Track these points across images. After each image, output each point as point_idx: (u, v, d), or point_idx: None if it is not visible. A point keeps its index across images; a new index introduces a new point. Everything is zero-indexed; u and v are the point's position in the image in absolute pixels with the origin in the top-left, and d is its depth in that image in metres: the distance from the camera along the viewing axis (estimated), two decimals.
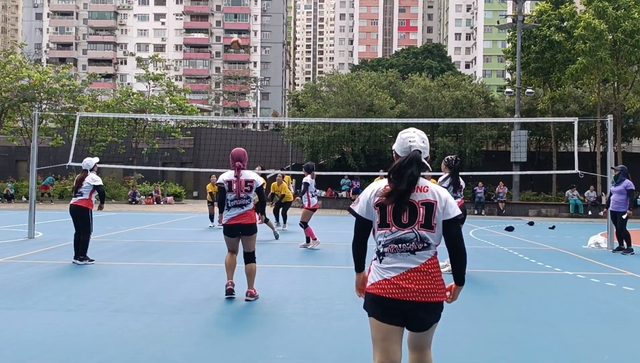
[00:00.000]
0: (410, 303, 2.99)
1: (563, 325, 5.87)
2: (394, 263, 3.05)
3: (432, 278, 3.05)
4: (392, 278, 3.02)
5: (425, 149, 3.16)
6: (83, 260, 9.41)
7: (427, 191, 3.08)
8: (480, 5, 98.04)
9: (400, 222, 3.05)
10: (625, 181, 12.17)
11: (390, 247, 3.07)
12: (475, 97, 34.03)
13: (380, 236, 3.11)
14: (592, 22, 27.86)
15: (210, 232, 15.26)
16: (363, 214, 3.15)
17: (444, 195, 3.12)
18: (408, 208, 3.03)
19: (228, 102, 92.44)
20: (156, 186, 35.07)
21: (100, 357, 4.57)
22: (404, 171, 3.03)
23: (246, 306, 6.47)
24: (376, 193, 3.10)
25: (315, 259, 10.49)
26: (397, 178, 3.03)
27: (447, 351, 4.86)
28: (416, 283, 3.00)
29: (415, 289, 3.00)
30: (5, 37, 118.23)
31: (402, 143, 3.17)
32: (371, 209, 3.11)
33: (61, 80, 34.21)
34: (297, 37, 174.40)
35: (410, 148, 3.12)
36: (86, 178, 9.62)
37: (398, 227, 3.05)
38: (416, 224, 3.04)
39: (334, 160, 34.21)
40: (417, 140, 3.15)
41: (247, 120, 79.12)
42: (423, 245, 3.06)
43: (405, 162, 3.06)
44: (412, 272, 3.02)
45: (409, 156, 3.08)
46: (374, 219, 3.12)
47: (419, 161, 3.07)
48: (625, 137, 35.38)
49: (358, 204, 3.18)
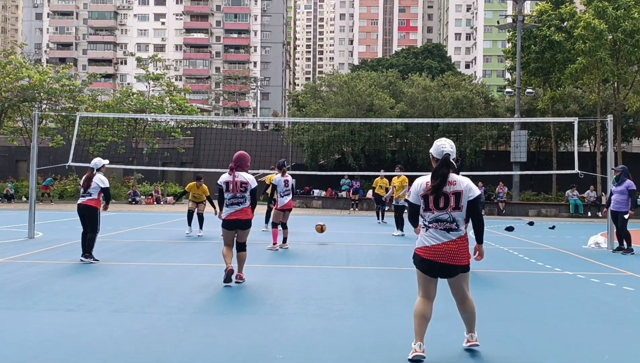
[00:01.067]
0: (441, 264, 4.50)
1: (563, 325, 5.87)
2: (435, 236, 4.53)
3: (457, 250, 4.49)
4: (431, 246, 4.52)
5: (452, 152, 4.58)
6: (88, 257, 9.49)
7: (456, 184, 4.51)
8: (480, 5, 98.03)
9: (439, 206, 4.49)
10: (626, 181, 12.17)
11: (433, 224, 4.54)
12: (475, 97, 34.02)
13: (426, 216, 4.57)
14: (592, 22, 27.86)
15: (210, 232, 15.25)
16: (415, 202, 4.66)
17: (466, 182, 4.54)
18: (443, 197, 4.46)
19: (228, 102, 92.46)
20: (156, 186, 35.07)
21: (100, 357, 4.57)
22: (439, 171, 4.46)
23: (246, 307, 6.48)
24: (421, 188, 4.57)
25: (315, 259, 10.49)
26: (436, 176, 4.46)
27: (447, 351, 4.87)
28: (446, 252, 4.48)
29: (445, 255, 4.48)
30: (5, 37, 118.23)
31: (437, 149, 4.61)
32: (419, 198, 4.61)
33: (61, 80, 34.22)
34: (297, 37, 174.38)
35: (442, 152, 4.55)
36: (94, 178, 9.69)
37: (437, 210, 4.50)
38: (449, 208, 4.48)
39: (334, 160, 34.20)
40: (447, 146, 4.60)
41: (247, 120, 79.12)
42: (454, 225, 4.49)
43: (439, 164, 4.49)
44: (445, 244, 4.48)
45: (442, 159, 4.49)
46: (421, 205, 4.60)
47: (449, 162, 4.50)
48: (625, 137, 35.39)
49: (410, 195, 4.70)
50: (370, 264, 9.97)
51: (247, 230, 7.71)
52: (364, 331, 5.50)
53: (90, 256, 9.53)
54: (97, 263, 9.45)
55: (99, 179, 9.71)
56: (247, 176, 7.71)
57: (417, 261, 4.62)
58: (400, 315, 6.19)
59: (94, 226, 9.61)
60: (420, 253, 4.59)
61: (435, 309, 6.44)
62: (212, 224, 17.26)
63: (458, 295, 4.74)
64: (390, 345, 5.07)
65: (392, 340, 5.22)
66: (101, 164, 10.00)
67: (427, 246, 4.52)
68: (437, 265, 4.49)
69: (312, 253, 11.37)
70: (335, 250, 11.80)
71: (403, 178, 15.61)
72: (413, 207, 4.69)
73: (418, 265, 4.62)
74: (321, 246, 12.54)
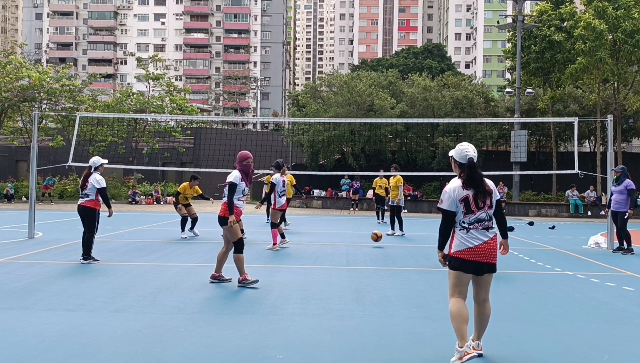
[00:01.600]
0: (482, 263, 4.55)
1: (563, 325, 5.87)
2: (476, 236, 4.54)
3: (494, 248, 4.59)
4: (475, 247, 4.52)
5: (475, 156, 4.64)
6: (87, 259, 9.44)
7: (486, 185, 4.63)
8: (480, 5, 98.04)
9: (479, 207, 4.56)
10: (625, 181, 12.20)
11: (474, 226, 4.55)
12: (475, 97, 34.00)
13: (466, 219, 4.55)
14: (592, 22, 27.85)
15: (210, 232, 15.25)
16: (451, 209, 4.57)
17: (493, 185, 4.70)
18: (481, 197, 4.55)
19: (228, 102, 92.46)
20: (156, 186, 35.07)
21: (100, 357, 4.57)
22: (475, 175, 4.57)
23: (246, 307, 6.48)
24: (458, 192, 4.56)
25: (315, 259, 10.49)
26: (471, 181, 4.56)
27: (447, 351, 4.86)
28: (487, 251, 4.54)
29: (486, 254, 4.54)
30: (5, 37, 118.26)
31: (460, 153, 4.66)
32: (456, 204, 4.56)
33: (61, 80, 34.20)
34: (297, 37, 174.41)
35: (465, 156, 4.61)
36: (90, 177, 9.58)
37: (478, 210, 4.56)
38: (486, 207, 4.59)
39: (334, 160, 34.18)
40: (470, 151, 4.65)
41: (247, 120, 79.08)
42: (490, 223, 4.60)
43: (471, 169, 4.57)
44: (486, 243, 4.54)
45: (469, 163, 4.58)
46: (459, 209, 4.56)
47: (476, 165, 4.61)
48: (625, 137, 35.38)
49: (444, 203, 4.60)
50: (370, 264, 9.97)
51: (224, 227, 7.55)
52: (364, 331, 5.49)
53: (89, 257, 9.49)
54: (97, 263, 9.45)
55: (94, 180, 9.56)
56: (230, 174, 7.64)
57: (459, 264, 4.55)
58: (400, 315, 6.19)
59: (90, 227, 9.53)
60: (462, 255, 4.53)
61: (436, 309, 6.46)
62: (213, 224, 17.27)
63: (481, 295, 4.71)
64: (390, 345, 5.07)
65: (392, 340, 5.22)
66: (99, 164, 9.81)
67: (470, 247, 4.50)
68: (479, 265, 4.55)
69: (312, 253, 11.37)
70: (335, 250, 11.80)
71: (398, 178, 15.59)
72: (449, 215, 4.58)
73: (460, 267, 4.56)
74: (321, 246, 12.55)
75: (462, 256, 4.52)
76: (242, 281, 7.52)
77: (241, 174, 7.55)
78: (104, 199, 9.65)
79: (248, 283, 7.48)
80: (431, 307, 6.57)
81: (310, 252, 11.45)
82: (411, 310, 6.40)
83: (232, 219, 7.37)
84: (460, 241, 4.55)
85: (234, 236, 7.49)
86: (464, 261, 4.52)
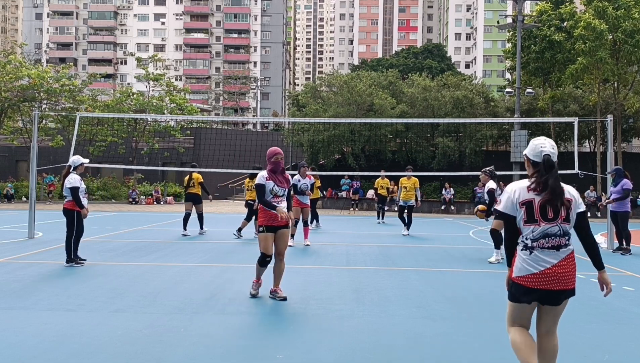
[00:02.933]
0: (552, 291, 3.53)
1: (563, 325, 5.86)
2: (542, 258, 3.52)
3: (569, 271, 3.55)
4: (540, 273, 3.51)
5: (554, 153, 3.62)
6: (69, 262, 9.11)
7: (564, 191, 3.57)
8: (480, 5, 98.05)
9: (547, 217, 3.52)
10: (622, 181, 12.24)
11: (540, 242, 3.53)
12: (475, 97, 34.01)
13: (528, 232, 3.55)
14: (592, 22, 27.86)
15: (210, 232, 15.25)
16: (507, 211, 3.59)
17: (574, 192, 3.67)
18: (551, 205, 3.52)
19: (228, 102, 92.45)
20: (156, 186, 35.06)
21: (100, 357, 4.57)
22: (550, 176, 3.53)
23: (246, 307, 6.47)
24: (520, 194, 3.57)
25: (315, 259, 10.49)
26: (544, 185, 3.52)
27: (447, 351, 4.86)
28: (557, 276, 3.51)
29: (556, 280, 3.51)
30: (5, 37, 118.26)
31: (534, 149, 3.66)
32: (516, 207, 3.58)
33: (61, 80, 34.19)
34: (297, 37, 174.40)
35: (541, 153, 3.60)
36: (67, 177, 9.29)
37: (545, 222, 3.52)
38: (559, 219, 3.54)
39: (334, 160, 34.19)
40: (547, 146, 3.63)
41: (247, 120, 79.06)
42: (565, 240, 3.56)
43: (549, 170, 3.55)
44: (556, 267, 3.51)
45: (545, 162, 3.56)
46: (519, 216, 3.57)
47: (553, 165, 3.57)
48: (625, 137, 35.38)
49: (501, 204, 3.65)
50: (370, 264, 9.96)
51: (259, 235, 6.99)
52: (364, 331, 5.49)
53: (70, 260, 9.11)
54: (97, 263, 9.43)
55: (67, 180, 9.21)
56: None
57: (521, 293, 3.60)
58: (400, 315, 6.19)
59: (69, 229, 9.19)
60: (524, 282, 3.56)
61: (436, 309, 6.46)
62: (213, 224, 17.29)
63: (547, 325, 3.76)
64: (390, 345, 5.06)
65: (392, 340, 5.22)
66: (78, 163, 9.39)
67: (534, 273, 3.52)
68: (547, 293, 3.55)
69: (312, 253, 11.37)
70: (335, 250, 11.80)
71: (414, 180, 15.85)
72: (509, 221, 3.61)
73: (522, 297, 3.61)
74: (321, 246, 12.55)
75: (524, 282, 3.56)
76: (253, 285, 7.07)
77: (268, 174, 6.75)
78: (74, 199, 9.16)
79: (252, 290, 7.00)
80: (431, 307, 6.56)
81: (310, 252, 11.45)
82: (411, 310, 6.40)
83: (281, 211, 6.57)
84: (521, 265, 3.59)
85: (260, 247, 6.84)
86: (526, 290, 3.56)
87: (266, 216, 6.72)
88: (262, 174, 6.81)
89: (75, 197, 9.17)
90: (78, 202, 9.18)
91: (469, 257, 11.14)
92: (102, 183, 34.45)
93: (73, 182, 9.19)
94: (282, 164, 6.83)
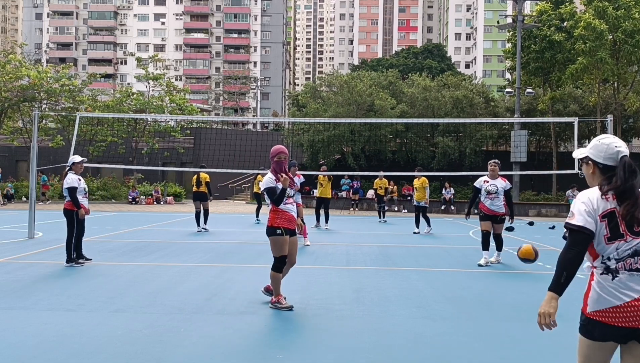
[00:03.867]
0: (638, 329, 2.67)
1: (563, 325, 5.86)
2: (628, 285, 2.71)
3: None
4: (625, 305, 2.69)
5: (627, 153, 2.92)
6: (69, 262, 9.12)
7: None
8: (480, 5, 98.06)
9: (633, 230, 2.76)
10: None
11: (627, 262, 2.74)
12: (475, 97, 34.04)
13: (612, 250, 2.76)
14: (592, 22, 27.87)
15: (210, 232, 15.25)
16: (589, 226, 2.76)
17: None
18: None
19: (228, 102, 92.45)
20: (156, 186, 35.06)
21: (100, 357, 4.57)
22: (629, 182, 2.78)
23: (246, 307, 6.47)
24: (598, 204, 2.79)
25: (315, 259, 10.49)
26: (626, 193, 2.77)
27: (447, 351, 4.86)
28: None
29: None
30: (5, 37, 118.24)
31: (606, 150, 2.88)
32: (595, 221, 2.78)
33: (61, 80, 34.19)
34: (297, 37, 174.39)
35: (617, 153, 2.86)
36: (65, 177, 9.29)
37: (633, 236, 2.76)
38: None
39: (334, 160, 34.19)
40: (622, 146, 2.88)
41: (247, 120, 79.07)
42: None
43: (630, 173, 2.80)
44: None
45: (624, 164, 2.82)
46: (600, 231, 2.78)
47: (635, 169, 2.83)
48: (625, 137, 35.37)
49: (576, 217, 2.80)
50: (370, 264, 9.96)
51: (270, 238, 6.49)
52: (364, 331, 5.49)
53: (70, 260, 9.12)
54: (97, 263, 9.42)
55: (65, 181, 9.22)
56: None
57: (599, 330, 2.75)
58: (400, 315, 6.19)
59: (69, 229, 9.19)
60: (604, 318, 2.72)
61: (436, 309, 6.46)
62: (213, 224, 17.28)
63: None
64: (390, 345, 5.06)
65: (392, 340, 5.21)
66: (71, 163, 9.36)
67: (617, 305, 2.69)
68: (633, 332, 2.69)
69: (312, 253, 11.36)
70: (335, 250, 11.80)
71: (423, 179, 15.93)
72: (584, 238, 2.76)
73: (600, 335, 2.75)
74: (321, 246, 12.55)
75: (603, 319, 2.72)
76: (275, 303, 6.40)
77: (275, 175, 6.39)
78: (71, 199, 9.16)
79: (281, 307, 6.32)
80: (431, 307, 6.56)
81: (310, 252, 11.45)
82: (411, 310, 6.39)
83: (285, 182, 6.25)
84: (599, 294, 2.76)
85: (278, 251, 6.37)
86: (606, 327, 2.71)
87: (283, 218, 6.34)
88: (270, 177, 6.40)
89: (72, 197, 9.17)
90: (75, 202, 9.18)
91: (469, 257, 11.14)
92: (102, 183, 34.42)
93: (70, 182, 9.20)
94: (286, 163, 6.56)
